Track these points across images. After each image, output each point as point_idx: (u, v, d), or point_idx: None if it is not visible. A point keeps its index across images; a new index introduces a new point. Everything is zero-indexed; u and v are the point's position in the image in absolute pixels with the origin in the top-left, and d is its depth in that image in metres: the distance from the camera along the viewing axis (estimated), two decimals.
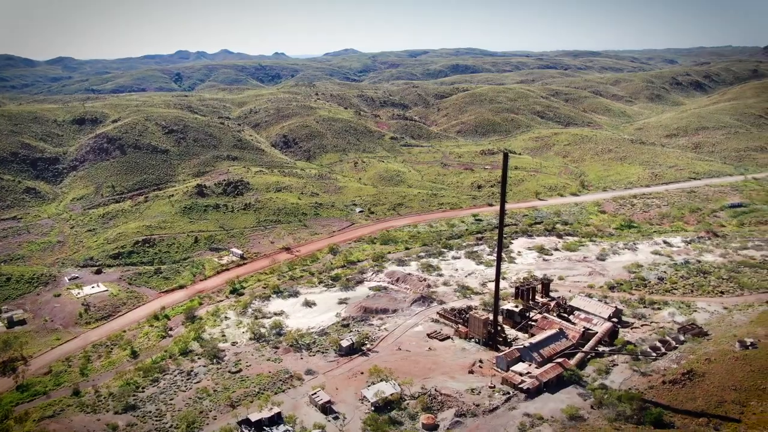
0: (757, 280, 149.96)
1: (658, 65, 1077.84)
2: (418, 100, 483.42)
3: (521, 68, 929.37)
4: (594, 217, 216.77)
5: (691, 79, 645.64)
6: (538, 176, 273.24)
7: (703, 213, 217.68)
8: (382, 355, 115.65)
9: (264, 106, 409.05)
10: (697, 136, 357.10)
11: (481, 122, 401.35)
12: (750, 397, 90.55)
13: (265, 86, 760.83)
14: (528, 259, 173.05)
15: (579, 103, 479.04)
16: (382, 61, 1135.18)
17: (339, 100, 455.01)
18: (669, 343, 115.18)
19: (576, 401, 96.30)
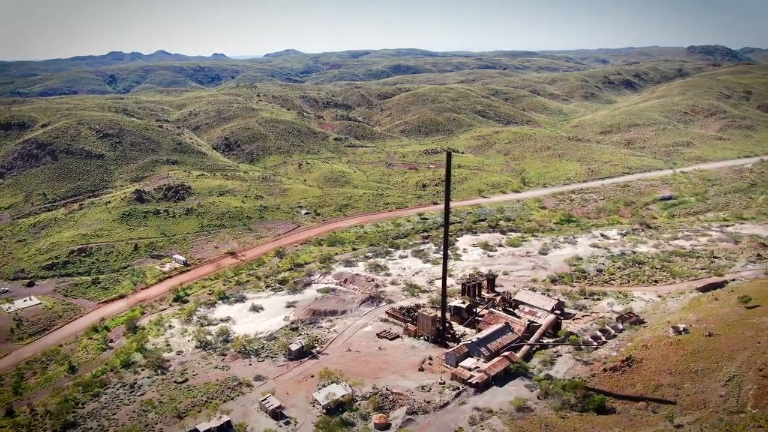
0: (688, 269, 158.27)
1: (591, 65, 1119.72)
2: (361, 101, 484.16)
3: (462, 68, 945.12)
4: (535, 212, 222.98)
5: (622, 78, 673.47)
6: (481, 174, 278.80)
7: (637, 206, 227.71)
8: (333, 357, 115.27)
9: (204, 108, 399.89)
10: (629, 133, 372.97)
11: (424, 122, 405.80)
12: (684, 380, 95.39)
13: (205, 88, 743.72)
14: (473, 255, 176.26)
15: (518, 102, 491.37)
16: (324, 62, 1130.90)
17: (281, 102, 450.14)
18: (609, 332, 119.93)
19: (523, 393, 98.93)
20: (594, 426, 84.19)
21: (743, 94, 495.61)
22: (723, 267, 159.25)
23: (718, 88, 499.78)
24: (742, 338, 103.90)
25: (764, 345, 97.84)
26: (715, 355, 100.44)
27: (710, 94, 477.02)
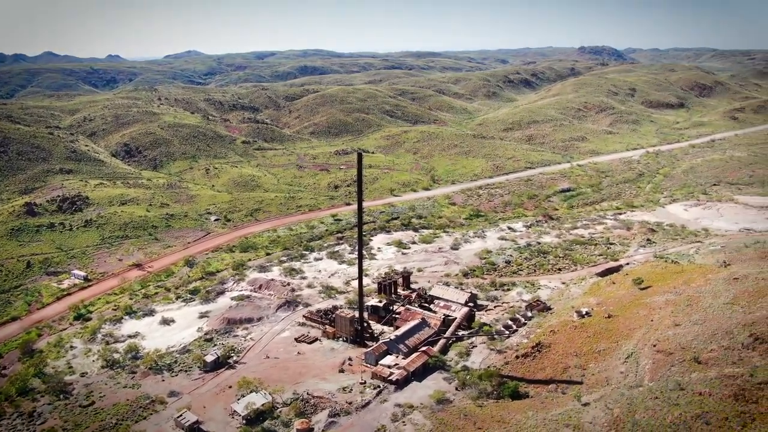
0: (587, 256, 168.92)
1: (492, 65, 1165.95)
2: (269, 103, 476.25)
3: (368, 69, 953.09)
4: (445, 209, 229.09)
5: (521, 78, 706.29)
6: (392, 173, 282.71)
7: (540, 199, 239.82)
8: (251, 365, 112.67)
9: (100, 113, 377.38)
10: (529, 130, 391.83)
11: (333, 123, 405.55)
12: (589, 361, 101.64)
13: (100, 91, 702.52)
14: (388, 254, 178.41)
15: (425, 102, 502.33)
16: (228, 63, 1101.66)
17: (185, 105, 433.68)
18: (519, 320, 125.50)
19: (442, 385, 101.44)
20: (509, 411, 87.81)
21: (629, 92, 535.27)
22: (618, 252, 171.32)
23: (607, 86, 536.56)
24: (638, 317, 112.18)
25: (656, 322, 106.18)
26: (615, 334, 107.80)
27: (600, 91, 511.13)
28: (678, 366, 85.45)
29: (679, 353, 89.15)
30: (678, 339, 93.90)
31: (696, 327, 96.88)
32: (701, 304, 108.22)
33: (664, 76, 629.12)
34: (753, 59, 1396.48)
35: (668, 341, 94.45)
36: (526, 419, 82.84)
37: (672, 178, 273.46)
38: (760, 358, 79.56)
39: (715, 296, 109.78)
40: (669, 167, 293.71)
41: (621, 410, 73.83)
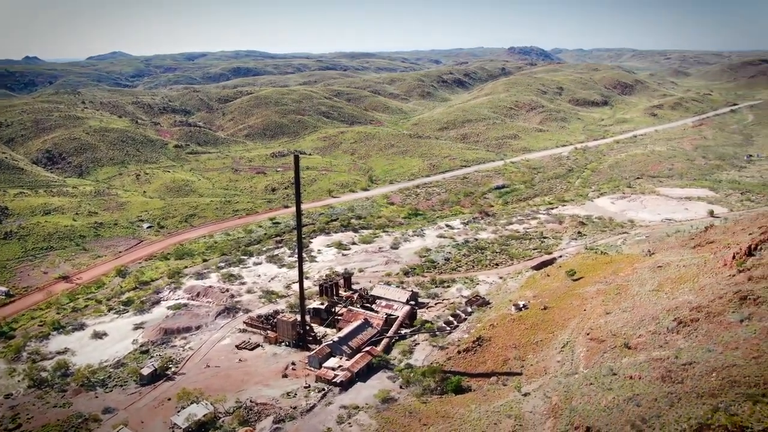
0: (522, 250, 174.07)
1: (426, 65, 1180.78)
2: (201, 105, 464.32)
3: (303, 70, 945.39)
4: (384, 209, 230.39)
5: (454, 78, 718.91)
6: (330, 175, 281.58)
7: (476, 196, 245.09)
8: (190, 375, 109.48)
9: (18, 119, 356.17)
10: (464, 128, 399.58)
11: (268, 125, 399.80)
12: (527, 352, 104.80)
13: (17, 95, 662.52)
14: (328, 256, 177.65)
15: (361, 103, 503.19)
16: (157, 65, 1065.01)
17: (111, 108, 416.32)
18: (459, 316, 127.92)
19: (387, 384, 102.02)
20: (453, 406, 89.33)
21: (557, 90, 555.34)
22: (551, 246, 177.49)
23: (536, 85, 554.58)
24: (571, 307, 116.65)
25: (589, 311, 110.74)
26: (551, 325, 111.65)
27: (530, 90, 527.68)
28: (610, 352, 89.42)
29: (611, 340, 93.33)
30: (609, 326, 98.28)
31: (625, 314, 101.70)
32: (629, 292, 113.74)
33: (589, 76, 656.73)
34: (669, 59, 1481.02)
35: (600, 329, 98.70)
36: (470, 412, 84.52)
37: (599, 173, 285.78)
38: (684, 341, 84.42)
39: (641, 284, 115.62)
40: (596, 162, 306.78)
41: (559, 398, 76.55)
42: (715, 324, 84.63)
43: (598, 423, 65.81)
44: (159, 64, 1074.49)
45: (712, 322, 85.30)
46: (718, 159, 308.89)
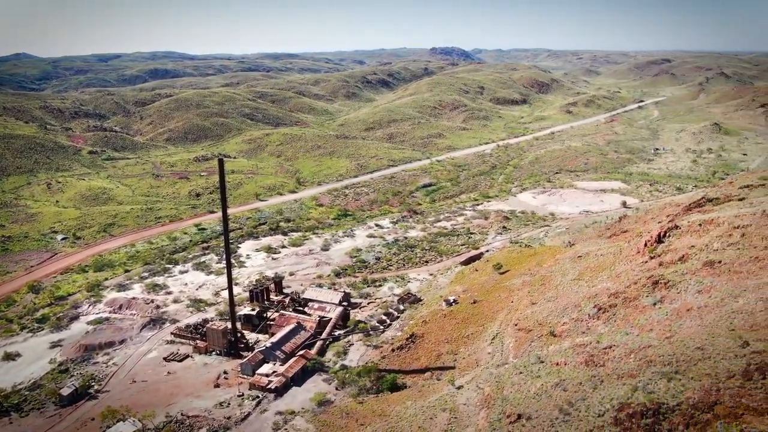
0: (451, 246, 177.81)
1: (350, 66, 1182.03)
2: (117, 109, 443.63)
3: (225, 71, 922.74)
4: (313, 211, 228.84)
5: (378, 78, 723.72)
6: (256, 178, 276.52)
7: (404, 195, 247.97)
8: (115, 392, 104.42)
9: None
10: (389, 128, 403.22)
11: (190, 128, 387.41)
12: (459, 346, 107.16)
13: None
14: (257, 260, 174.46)
15: (285, 104, 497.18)
16: (66, 67, 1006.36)
17: (17, 114, 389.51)
18: (392, 314, 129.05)
19: (322, 387, 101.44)
20: (389, 404, 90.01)
21: (478, 89, 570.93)
22: (478, 241, 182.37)
23: (458, 84, 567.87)
24: (500, 300, 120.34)
25: (516, 303, 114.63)
26: (481, 318, 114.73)
27: (452, 90, 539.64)
28: (537, 341, 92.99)
29: (537, 329, 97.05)
30: (535, 316, 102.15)
31: (550, 304, 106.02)
32: (553, 282, 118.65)
33: (508, 75, 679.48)
34: (581, 59, 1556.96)
35: (527, 319, 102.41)
36: (406, 409, 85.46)
37: (521, 169, 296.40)
38: (604, 326, 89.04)
39: (563, 274, 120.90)
40: (517, 159, 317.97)
41: (491, 388, 78.77)
42: (632, 308, 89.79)
43: (528, 410, 68.26)
44: (68, 66, 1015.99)
45: (629, 307, 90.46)
46: (628, 153, 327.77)
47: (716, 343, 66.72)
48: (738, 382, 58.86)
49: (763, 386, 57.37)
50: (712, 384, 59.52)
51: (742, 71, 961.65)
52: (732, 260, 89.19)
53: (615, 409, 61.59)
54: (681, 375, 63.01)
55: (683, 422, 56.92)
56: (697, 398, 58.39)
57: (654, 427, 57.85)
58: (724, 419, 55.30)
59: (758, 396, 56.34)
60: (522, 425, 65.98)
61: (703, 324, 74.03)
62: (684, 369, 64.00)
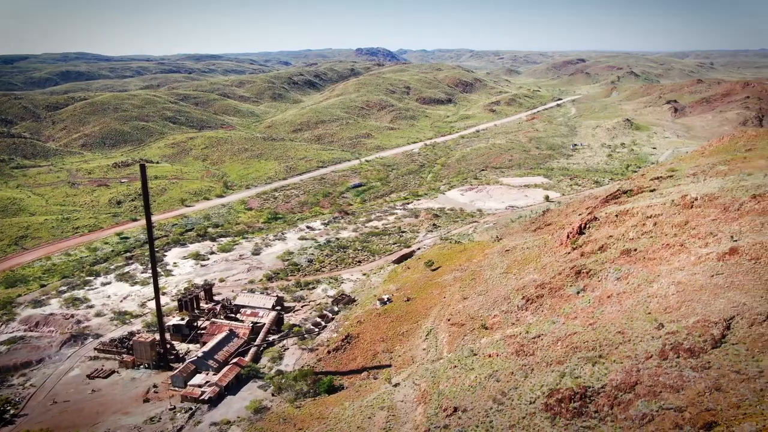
0: (383, 246, 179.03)
1: (275, 67, 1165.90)
2: (26, 114, 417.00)
3: (143, 73, 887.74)
4: (242, 215, 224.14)
5: (305, 79, 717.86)
6: (181, 183, 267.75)
7: (334, 196, 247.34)
8: (34, 416, 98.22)
9: None
10: (317, 129, 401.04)
11: (108, 133, 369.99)
12: (395, 344, 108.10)
13: None
14: (186, 268, 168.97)
15: (209, 106, 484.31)
16: None
17: None
18: (327, 316, 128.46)
19: (258, 394, 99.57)
20: (328, 406, 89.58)
21: (404, 90, 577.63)
22: (410, 239, 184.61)
23: (385, 85, 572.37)
24: (432, 297, 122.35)
25: (448, 299, 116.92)
26: (415, 315, 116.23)
27: (379, 90, 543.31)
28: (470, 335, 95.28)
29: (470, 323, 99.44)
30: (467, 310, 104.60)
31: (480, 297, 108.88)
32: (483, 276, 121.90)
33: (433, 75, 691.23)
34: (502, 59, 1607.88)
35: (460, 314, 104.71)
36: (344, 410, 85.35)
37: (448, 167, 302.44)
38: (532, 316, 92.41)
39: (492, 268, 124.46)
40: (445, 157, 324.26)
41: (427, 384, 79.98)
42: (557, 298, 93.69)
43: (464, 402, 69.81)
44: None
45: (555, 297, 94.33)
46: (549, 149, 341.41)
47: (635, 327, 70.72)
48: (655, 362, 62.62)
49: (678, 365, 61.35)
50: (632, 365, 63.02)
51: (649, 70, 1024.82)
52: (646, 248, 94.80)
53: (545, 395, 64.04)
54: (604, 359, 66.36)
55: (608, 403, 59.96)
56: (619, 380, 61.65)
57: (581, 409, 60.62)
58: (644, 398, 58.70)
59: (673, 374, 60.17)
60: (458, 418, 67.40)
61: (622, 309, 78.26)
62: (607, 353, 67.46)
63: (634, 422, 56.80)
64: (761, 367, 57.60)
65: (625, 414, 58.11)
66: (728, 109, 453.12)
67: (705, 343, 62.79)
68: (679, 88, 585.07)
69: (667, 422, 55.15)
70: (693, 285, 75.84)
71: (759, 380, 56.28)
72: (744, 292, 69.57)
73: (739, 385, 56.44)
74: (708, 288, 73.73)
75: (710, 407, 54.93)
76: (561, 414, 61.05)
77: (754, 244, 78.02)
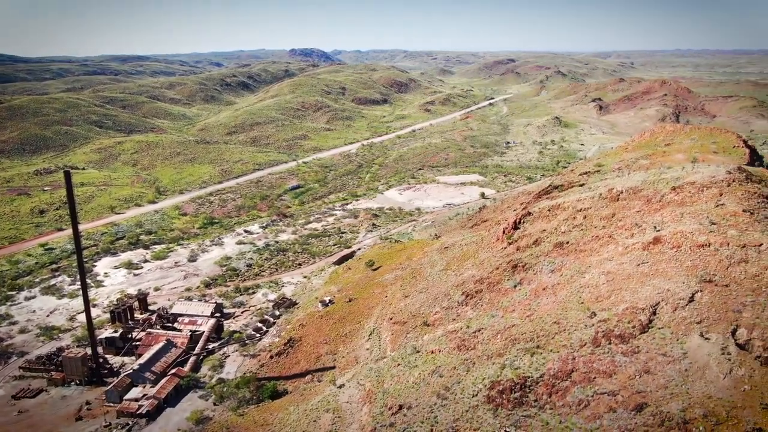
0: (323, 247, 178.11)
1: (207, 68, 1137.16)
2: None
3: (65, 75, 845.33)
4: (177, 221, 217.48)
5: (238, 80, 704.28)
6: (110, 189, 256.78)
7: (272, 198, 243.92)
8: None
9: None
10: (252, 131, 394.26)
11: (27, 138, 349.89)
12: (338, 345, 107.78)
13: None
14: (118, 278, 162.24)
15: (138, 109, 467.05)
16: None
17: None
18: (268, 321, 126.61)
19: (199, 404, 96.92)
20: (272, 412, 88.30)
21: (340, 90, 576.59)
22: (350, 240, 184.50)
23: (320, 86, 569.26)
24: (374, 296, 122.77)
25: (390, 297, 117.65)
26: (358, 316, 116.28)
27: (315, 91, 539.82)
28: (412, 332, 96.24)
29: (412, 321, 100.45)
30: (409, 308, 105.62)
31: (422, 295, 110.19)
32: (423, 274, 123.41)
33: (368, 75, 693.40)
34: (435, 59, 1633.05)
35: (401, 312, 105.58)
36: (288, 415, 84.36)
37: (386, 167, 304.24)
38: (472, 311, 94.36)
39: (432, 266, 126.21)
40: (382, 157, 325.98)
41: (371, 383, 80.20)
42: (495, 292, 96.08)
43: (408, 399, 70.46)
44: None
45: (493, 291, 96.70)
46: (483, 147, 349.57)
47: (569, 317, 73.50)
48: (589, 349, 65.34)
49: (610, 351, 64.25)
50: (568, 354, 65.49)
51: (575, 70, 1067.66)
52: (577, 240, 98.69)
53: (487, 387, 65.58)
54: (542, 349, 68.62)
55: (546, 392, 62.06)
56: (556, 368, 63.93)
57: (522, 399, 62.46)
58: (580, 384, 61.14)
59: (606, 360, 62.98)
60: (404, 415, 67.97)
61: (557, 300, 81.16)
62: (544, 343, 69.78)
63: (571, 408, 59.07)
64: (685, 349, 61.16)
65: (562, 401, 60.33)
66: (648, 106, 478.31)
67: (634, 329, 66.06)
68: (603, 87, 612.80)
69: (601, 406, 57.66)
70: (621, 274, 79.58)
71: (683, 361, 59.75)
72: (668, 278, 73.63)
73: (666, 367, 59.70)
74: (635, 276, 77.56)
75: (641, 389, 57.84)
76: (502, 405, 62.69)
77: (675, 233, 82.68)
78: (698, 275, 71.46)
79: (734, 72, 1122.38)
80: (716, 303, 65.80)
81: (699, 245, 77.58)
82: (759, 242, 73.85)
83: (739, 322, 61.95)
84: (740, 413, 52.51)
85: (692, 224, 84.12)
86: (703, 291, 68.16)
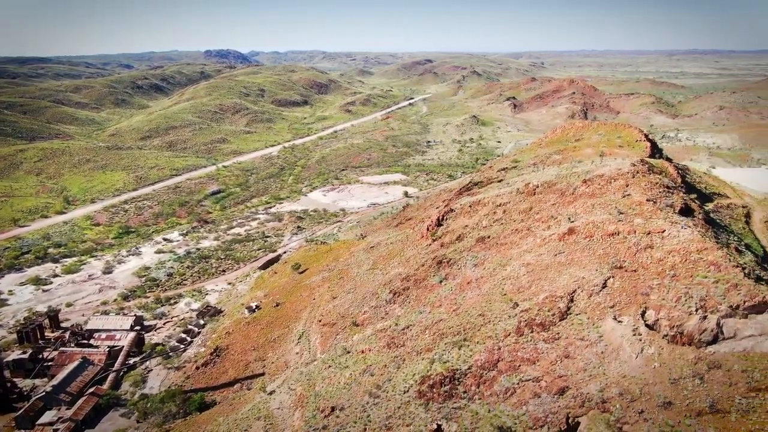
0: (247, 252, 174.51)
1: (116, 70, 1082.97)
2: None
3: None
4: (89, 231, 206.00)
5: (150, 83, 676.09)
6: (12, 201, 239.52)
7: (192, 204, 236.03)
8: None
9: None
10: (168, 136, 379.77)
11: None
12: (267, 351, 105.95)
13: None
14: (24, 295, 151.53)
15: (41, 114, 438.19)
16: None
17: None
18: (192, 330, 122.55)
19: (121, 423, 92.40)
20: (200, 425, 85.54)
21: (259, 92, 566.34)
22: (275, 243, 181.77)
23: (238, 87, 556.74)
24: (302, 299, 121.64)
25: (318, 300, 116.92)
26: (286, 320, 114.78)
27: (233, 93, 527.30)
28: (342, 333, 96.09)
29: (341, 322, 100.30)
30: (337, 310, 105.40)
31: (350, 296, 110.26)
32: (350, 275, 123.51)
33: (287, 77, 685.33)
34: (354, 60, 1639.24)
35: (330, 314, 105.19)
36: (218, 426, 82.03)
37: (309, 169, 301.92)
38: (400, 308, 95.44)
39: (359, 266, 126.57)
40: (305, 159, 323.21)
41: (302, 387, 79.40)
42: (422, 288, 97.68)
43: (341, 401, 70.34)
44: None
45: (420, 287, 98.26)
46: (405, 146, 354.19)
47: (493, 308, 75.92)
48: (513, 339, 67.78)
49: (532, 339, 66.93)
50: (493, 345, 67.64)
51: (490, 69, 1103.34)
52: (498, 234, 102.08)
53: (418, 383, 66.58)
54: (469, 341, 70.48)
55: (475, 383, 63.81)
56: (483, 359, 65.86)
57: (452, 392, 63.88)
58: (506, 373, 63.29)
59: (529, 348, 65.55)
60: (336, 416, 67.80)
61: (481, 293, 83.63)
62: (470, 336, 71.71)
63: (499, 397, 61.06)
64: (600, 332, 64.74)
65: (490, 390, 62.25)
66: (559, 104, 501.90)
67: (554, 317, 69.18)
68: (516, 86, 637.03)
69: (527, 393, 59.98)
70: (540, 265, 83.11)
71: (600, 344, 63.21)
72: (582, 267, 77.64)
73: (584, 350, 62.96)
74: (553, 266, 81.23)
75: (562, 374, 60.66)
76: (433, 399, 63.85)
77: (588, 223, 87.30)
78: (609, 262, 75.81)
79: (634, 71, 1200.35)
80: (626, 287, 70.10)
81: (609, 234, 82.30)
82: (662, 229, 79.30)
83: (647, 304, 66.31)
84: (652, 389, 56.23)
85: (602, 214, 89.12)
86: (615, 277, 72.41)
